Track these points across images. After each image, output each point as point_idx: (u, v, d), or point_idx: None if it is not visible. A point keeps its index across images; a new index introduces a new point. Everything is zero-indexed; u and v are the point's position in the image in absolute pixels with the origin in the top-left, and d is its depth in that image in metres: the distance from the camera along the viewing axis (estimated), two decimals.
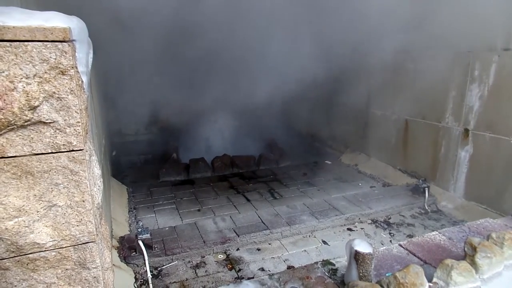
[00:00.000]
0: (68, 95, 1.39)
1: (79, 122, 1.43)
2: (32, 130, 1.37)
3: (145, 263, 3.04)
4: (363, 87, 5.90)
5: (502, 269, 2.47)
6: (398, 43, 4.83)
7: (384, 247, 2.96)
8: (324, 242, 3.68)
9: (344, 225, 4.02)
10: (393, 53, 5.08)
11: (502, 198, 3.86)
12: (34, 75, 1.32)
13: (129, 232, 3.69)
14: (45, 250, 1.48)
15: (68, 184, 1.46)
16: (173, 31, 5.72)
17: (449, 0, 4.18)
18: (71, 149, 1.44)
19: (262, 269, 3.23)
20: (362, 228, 3.97)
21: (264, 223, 3.84)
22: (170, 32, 5.68)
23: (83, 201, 1.50)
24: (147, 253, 3.08)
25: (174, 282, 3.03)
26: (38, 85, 1.33)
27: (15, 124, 1.32)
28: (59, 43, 1.34)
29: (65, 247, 1.51)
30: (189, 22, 5.77)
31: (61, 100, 1.38)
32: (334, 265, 2.72)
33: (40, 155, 1.40)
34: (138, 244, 3.10)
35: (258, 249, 3.55)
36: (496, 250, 2.46)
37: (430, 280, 2.27)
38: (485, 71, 3.95)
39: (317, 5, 5.53)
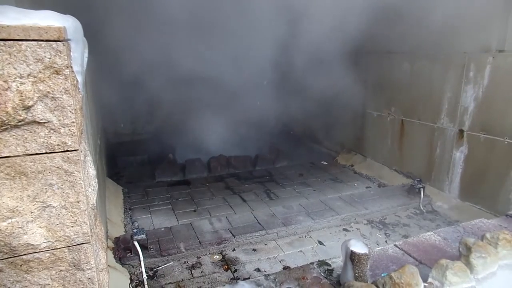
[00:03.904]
0: (62, 94, 1.38)
1: (73, 122, 1.42)
2: (26, 130, 1.36)
3: (140, 264, 3.02)
4: (359, 88, 5.91)
5: (496, 269, 2.48)
6: (393, 44, 4.86)
7: (380, 248, 2.96)
8: (320, 243, 3.68)
9: (340, 225, 4.03)
10: (388, 54, 5.11)
11: (497, 198, 3.89)
12: (28, 75, 1.31)
13: (124, 233, 3.67)
14: (39, 251, 1.46)
15: (62, 185, 1.45)
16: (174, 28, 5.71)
17: (444, 1, 4.21)
18: (65, 150, 1.43)
19: (258, 270, 3.22)
20: (357, 229, 3.98)
21: (260, 224, 3.84)
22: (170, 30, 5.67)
23: (78, 201, 1.49)
24: (142, 254, 3.06)
25: (170, 283, 3.02)
26: (32, 84, 1.32)
27: (9, 124, 1.31)
28: (54, 42, 1.33)
29: (60, 248, 1.50)
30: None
31: (55, 100, 1.37)
32: (330, 265, 2.72)
33: (34, 155, 1.39)
34: (134, 245, 3.08)
35: (254, 250, 3.55)
36: (491, 250, 2.47)
37: (425, 280, 2.28)
38: (480, 72, 3.98)
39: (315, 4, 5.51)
